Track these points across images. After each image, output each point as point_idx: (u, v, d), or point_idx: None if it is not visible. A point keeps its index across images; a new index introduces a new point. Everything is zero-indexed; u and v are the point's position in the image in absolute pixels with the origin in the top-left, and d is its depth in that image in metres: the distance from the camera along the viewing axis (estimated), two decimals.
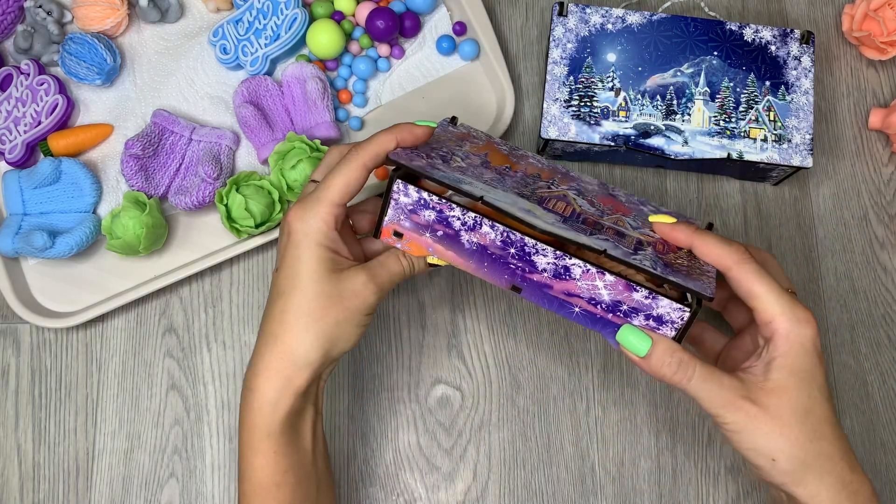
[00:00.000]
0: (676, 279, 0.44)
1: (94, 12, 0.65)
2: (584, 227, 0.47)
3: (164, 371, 0.63)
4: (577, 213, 0.49)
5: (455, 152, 0.51)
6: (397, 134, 0.49)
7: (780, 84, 0.63)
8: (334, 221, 0.48)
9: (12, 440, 0.62)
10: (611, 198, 0.53)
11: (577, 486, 0.62)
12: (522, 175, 0.51)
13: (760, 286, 0.45)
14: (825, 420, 0.45)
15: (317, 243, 0.48)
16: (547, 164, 0.55)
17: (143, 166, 0.63)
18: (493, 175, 0.50)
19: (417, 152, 0.49)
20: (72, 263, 0.64)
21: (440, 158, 0.49)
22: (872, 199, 0.68)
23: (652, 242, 0.48)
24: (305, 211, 0.48)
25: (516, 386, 0.63)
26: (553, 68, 0.63)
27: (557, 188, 0.51)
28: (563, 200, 0.50)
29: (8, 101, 0.65)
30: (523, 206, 0.47)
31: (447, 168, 0.48)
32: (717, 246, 0.46)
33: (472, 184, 0.47)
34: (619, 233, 0.48)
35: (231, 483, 0.62)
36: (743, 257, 0.45)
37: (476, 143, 0.54)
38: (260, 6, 0.66)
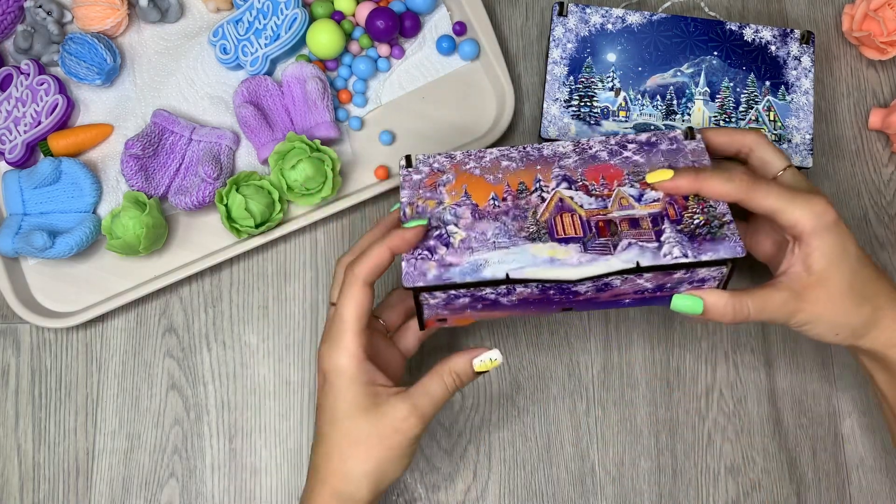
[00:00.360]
0: (709, 255, 0.47)
1: (94, 12, 0.65)
2: (605, 243, 0.49)
3: (164, 371, 0.63)
4: (586, 223, 0.50)
5: (445, 219, 0.51)
6: (389, 244, 0.49)
7: (780, 84, 0.63)
8: (362, 351, 0.49)
9: (12, 440, 0.62)
10: (594, 164, 0.52)
11: (577, 486, 0.62)
12: (513, 200, 0.51)
13: (773, 201, 0.48)
14: (868, 281, 0.50)
15: (350, 380, 0.48)
16: (518, 157, 0.53)
17: (143, 166, 0.63)
18: (494, 227, 0.50)
19: (421, 253, 0.49)
20: (72, 263, 0.64)
21: (442, 244, 0.49)
22: (872, 200, 0.68)
23: (663, 210, 0.50)
24: (332, 349, 0.49)
25: (516, 386, 0.64)
26: (553, 68, 0.63)
27: (551, 194, 0.51)
28: (567, 212, 0.50)
29: (8, 101, 0.65)
30: (543, 257, 0.48)
31: (454, 255, 0.49)
32: (721, 185, 0.48)
33: (487, 262, 0.48)
34: (632, 221, 0.49)
35: (231, 483, 0.62)
36: (748, 186, 0.48)
37: (448, 181, 0.53)
38: (260, 6, 0.66)
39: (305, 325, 0.64)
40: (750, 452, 0.63)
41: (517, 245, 0.49)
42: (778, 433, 0.63)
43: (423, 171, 0.53)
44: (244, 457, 0.62)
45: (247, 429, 0.63)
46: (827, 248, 0.48)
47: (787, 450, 0.63)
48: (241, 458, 0.62)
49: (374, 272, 0.49)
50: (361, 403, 0.48)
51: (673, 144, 0.53)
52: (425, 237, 0.50)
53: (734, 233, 0.48)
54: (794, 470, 0.63)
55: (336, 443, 0.48)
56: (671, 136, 0.53)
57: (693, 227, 0.49)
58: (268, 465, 0.62)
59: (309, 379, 0.63)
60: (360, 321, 0.49)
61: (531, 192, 0.51)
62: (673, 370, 0.64)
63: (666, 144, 0.53)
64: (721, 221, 0.49)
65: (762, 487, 0.62)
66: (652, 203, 0.50)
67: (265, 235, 0.63)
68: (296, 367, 0.64)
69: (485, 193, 0.52)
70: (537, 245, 0.49)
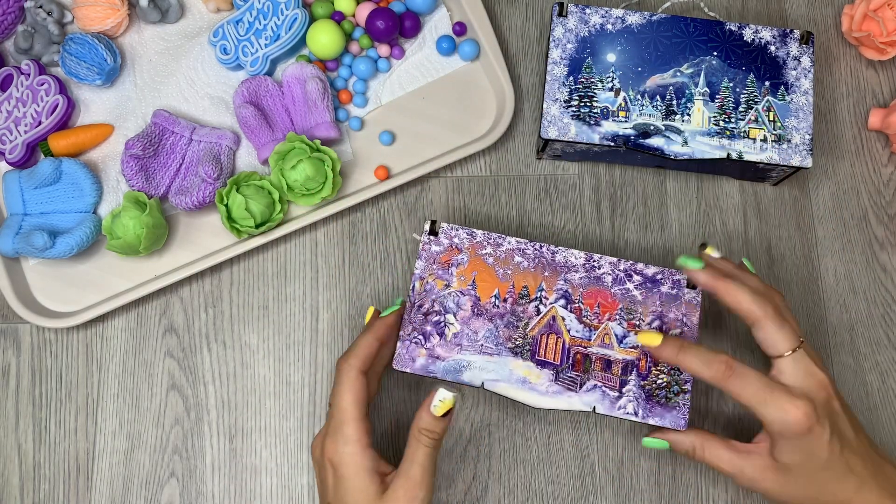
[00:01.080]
0: (655, 420, 0.55)
1: (95, 12, 0.65)
2: (574, 378, 0.55)
3: (164, 371, 0.63)
4: (566, 351, 0.56)
5: (447, 306, 0.56)
6: (375, 334, 0.54)
7: (780, 84, 0.63)
8: (366, 438, 0.51)
9: (12, 440, 0.62)
10: (596, 288, 0.57)
11: (577, 486, 0.62)
12: (513, 304, 0.56)
13: (748, 397, 0.49)
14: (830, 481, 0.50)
15: (357, 469, 0.50)
16: (532, 256, 0.57)
17: (144, 166, 0.64)
18: (486, 327, 0.56)
19: (416, 337, 0.55)
20: (72, 263, 0.64)
21: (437, 333, 0.55)
22: (872, 200, 0.68)
23: (636, 360, 0.55)
24: (336, 440, 0.51)
25: None
26: (553, 68, 0.63)
27: (546, 308, 0.56)
28: (553, 333, 0.56)
29: (8, 102, 0.65)
30: (518, 375, 0.55)
31: (444, 348, 0.55)
32: (698, 367, 0.51)
33: (470, 365, 0.55)
34: (606, 362, 0.55)
35: (231, 483, 0.62)
36: (722, 376, 0.50)
37: (461, 263, 0.57)
38: (260, 6, 0.66)
39: (305, 325, 0.64)
40: None
41: (500, 355, 0.55)
42: None
43: (442, 243, 0.57)
44: (244, 457, 0.62)
45: (247, 429, 0.63)
46: (793, 452, 0.50)
47: None
48: (241, 458, 0.62)
49: (366, 361, 0.53)
50: (371, 492, 0.50)
51: (674, 289, 0.57)
52: (425, 321, 0.56)
53: (686, 403, 0.55)
54: None
55: None
56: (675, 279, 0.57)
57: (654, 387, 0.55)
58: (268, 465, 0.62)
59: (309, 379, 0.63)
60: (359, 409, 0.51)
61: (531, 301, 0.56)
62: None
63: (668, 287, 0.57)
64: (681, 388, 0.55)
65: None
66: (630, 349, 0.56)
67: (265, 235, 0.63)
68: (296, 367, 0.64)
69: (490, 288, 0.57)
70: (517, 361, 0.55)
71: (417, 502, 0.50)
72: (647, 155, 0.63)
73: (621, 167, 0.68)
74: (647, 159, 0.65)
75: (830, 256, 0.67)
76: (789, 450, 0.50)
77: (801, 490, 0.51)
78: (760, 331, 0.51)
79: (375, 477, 0.50)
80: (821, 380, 0.51)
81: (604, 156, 0.66)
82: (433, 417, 0.51)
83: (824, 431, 0.49)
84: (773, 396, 0.49)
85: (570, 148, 0.64)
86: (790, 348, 0.51)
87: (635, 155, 0.64)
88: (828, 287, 0.66)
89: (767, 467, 0.51)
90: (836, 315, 0.66)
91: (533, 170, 0.68)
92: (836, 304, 0.66)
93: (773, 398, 0.49)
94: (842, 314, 0.66)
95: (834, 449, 0.50)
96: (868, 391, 0.64)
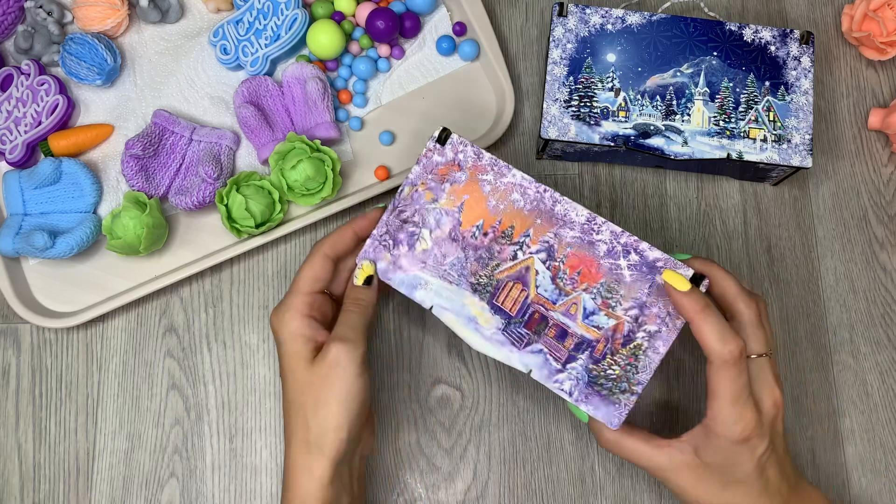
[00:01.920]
0: (588, 409, 0.51)
1: (95, 12, 0.65)
2: (522, 335, 0.52)
3: (164, 371, 0.63)
4: (526, 306, 0.52)
5: (426, 219, 0.53)
6: (354, 226, 0.55)
7: (780, 84, 0.63)
8: (307, 308, 0.52)
9: (12, 440, 0.62)
10: (586, 252, 0.52)
11: (577, 486, 0.62)
12: (492, 239, 0.53)
13: (724, 391, 0.48)
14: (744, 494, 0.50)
15: (292, 335, 0.52)
16: (532, 197, 0.53)
17: (144, 166, 0.64)
18: (455, 255, 0.53)
19: (385, 239, 0.54)
20: (72, 263, 0.64)
21: (406, 242, 0.53)
22: (872, 200, 0.68)
23: (596, 340, 0.51)
24: (279, 312, 0.53)
25: (516, 386, 0.64)
26: (553, 68, 0.63)
27: (524, 256, 0.52)
28: (519, 282, 0.52)
29: (8, 102, 0.65)
30: (468, 314, 0.52)
31: (408, 260, 0.53)
32: (713, 338, 0.48)
33: (427, 285, 0.53)
34: (561, 332, 0.52)
35: (231, 483, 0.62)
36: (728, 359, 0.48)
37: (457, 181, 0.53)
38: (260, 6, 0.66)
39: None
40: None
41: (459, 286, 0.53)
42: None
43: (446, 154, 0.53)
44: (244, 457, 0.62)
45: (247, 429, 0.63)
46: (716, 454, 0.49)
47: None
48: (241, 458, 0.62)
49: (335, 247, 0.54)
50: (304, 355, 0.51)
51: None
52: (400, 227, 0.53)
53: (628, 405, 0.51)
54: None
55: (293, 397, 0.51)
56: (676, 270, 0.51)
57: (602, 375, 0.51)
58: (268, 464, 0.62)
59: None
60: (310, 284, 0.53)
61: (511, 243, 0.53)
62: (673, 370, 0.64)
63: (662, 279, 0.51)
64: (630, 388, 0.51)
65: None
66: (593, 328, 0.51)
67: (265, 235, 0.63)
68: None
69: (476, 217, 0.53)
70: (472, 298, 0.52)
71: (344, 356, 0.50)
72: (647, 155, 0.63)
73: (621, 167, 0.68)
74: (647, 159, 0.65)
75: (830, 256, 0.67)
76: (716, 451, 0.49)
77: (712, 495, 0.50)
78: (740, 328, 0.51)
79: (310, 343, 0.51)
80: (776, 396, 0.50)
81: (604, 156, 0.66)
82: (356, 287, 0.53)
83: (760, 445, 0.49)
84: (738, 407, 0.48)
85: (570, 148, 0.64)
86: (759, 352, 0.50)
87: (635, 155, 0.64)
88: (828, 287, 0.66)
89: (687, 464, 0.50)
90: (836, 315, 0.66)
91: (533, 170, 0.68)
92: (836, 304, 0.66)
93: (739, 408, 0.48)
94: (842, 314, 0.66)
95: (760, 465, 0.49)
96: (868, 391, 0.64)
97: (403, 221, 0.54)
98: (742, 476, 0.50)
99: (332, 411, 0.49)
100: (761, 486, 0.50)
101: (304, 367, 0.51)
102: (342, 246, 0.55)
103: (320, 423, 0.49)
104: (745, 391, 0.48)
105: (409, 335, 0.64)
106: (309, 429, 0.50)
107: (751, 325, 0.51)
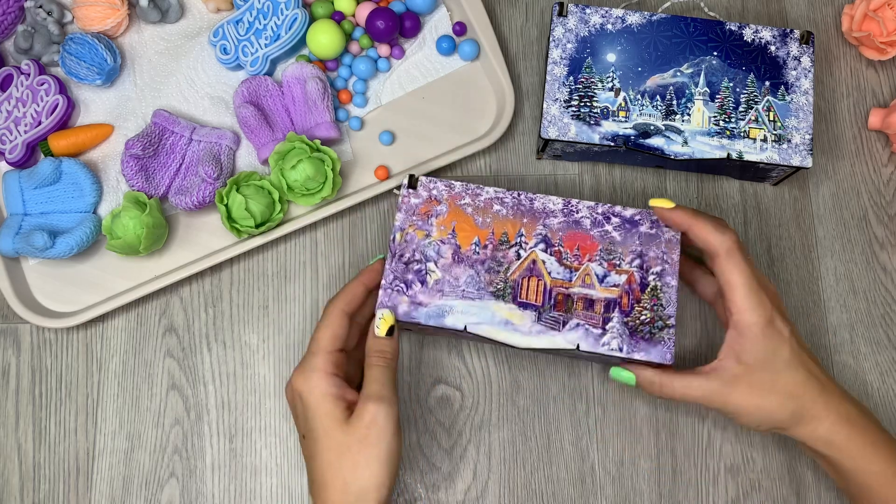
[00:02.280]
0: (641, 355, 0.54)
1: (95, 12, 0.65)
2: (557, 318, 0.55)
3: (164, 371, 0.63)
4: (547, 292, 0.55)
5: (427, 255, 0.56)
6: (363, 279, 0.56)
7: (780, 84, 0.63)
8: (332, 367, 0.52)
9: (12, 440, 0.62)
10: (575, 231, 0.57)
11: (577, 486, 0.62)
12: (493, 250, 0.56)
13: (738, 278, 0.52)
14: (795, 382, 0.53)
15: (322, 396, 0.51)
16: (511, 204, 0.57)
17: (144, 166, 0.64)
18: (467, 274, 0.56)
19: (398, 285, 0.55)
20: (72, 263, 0.64)
21: (418, 280, 0.55)
22: (872, 200, 0.68)
23: (618, 298, 0.55)
24: (304, 372, 0.52)
25: (516, 386, 0.64)
26: (553, 68, 0.63)
27: (527, 252, 0.56)
28: (534, 276, 0.56)
29: (8, 102, 0.65)
30: (501, 317, 0.55)
31: (426, 294, 0.55)
32: (711, 232, 0.53)
33: (452, 310, 0.55)
34: (588, 301, 0.55)
35: (231, 483, 0.62)
36: (731, 247, 0.52)
37: (440, 213, 0.57)
38: (260, 6, 0.66)
39: (305, 325, 0.64)
40: (750, 452, 0.63)
41: (482, 299, 0.55)
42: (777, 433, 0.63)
43: (421, 195, 0.57)
44: (244, 457, 0.62)
45: (247, 429, 0.63)
46: (753, 351, 0.52)
47: (786, 450, 0.63)
48: (241, 458, 0.62)
49: (350, 303, 0.54)
50: (337, 416, 0.50)
51: (652, 229, 0.57)
52: (406, 270, 0.55)
53: (671, 338, 0.54)
54: (794, 470, 0.63)
55: (330, 459, 0.50)
56: (653, 220, 0.57)
57: (638, 323, 0.55)
58: (268, 465, 0.62)
59: None
60: (332, 343, 0.53)
61: (511, 246, 0.56)
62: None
63: (646, 227, 0.57)
64: (665, 323, 0.55)
65: (762, 487, 0.62)
66: (612, 287, 0.56)
67: (265, 235, 0.63)
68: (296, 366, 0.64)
69: (470, 236, 0.56)
70: (499, 304, 0.55)
71: (382, 416, 0.50)
72: (647, 155, 0.63)
73: (621, 167, 0.68)
74: (647, 159, 0.65)
75: (830, 256, 0.67)
76: (753, 346, 0.52)
77: (767, 395, 0.52)
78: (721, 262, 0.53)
79: (341, 402, 0.51)
80: (769, 286, 0.54)
81: (604, 156, 0.66)
82: (379, 339, 0.53)
83: (785, 327, 0.52)
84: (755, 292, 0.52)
85: (570, 148, 0.64)
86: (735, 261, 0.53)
87: (635, 155, 0.64)
88: (828, 287, 0.66)
89: (734, 377, 0.52)
90: (836, 315, 0.66)
91: (533, 170, 0.68)
92: (837, 303, 0.66)
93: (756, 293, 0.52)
94: (842, 314, 0.66)
95: (794, 347, 0.52)
96: (868, 391, 0.64)
97: (406, 264, 0.56)
98: (783, 364, 0.52)
99: (374, 472, 0.49)
100: (805, 371, 0.53)
101: (339, 428, 0.50)
102: (356, 301, 0.55)
103: (362, 485, 0.49)
104: (754, 275, 0.52)
105: (409, 335, 0.64)
106: (349, 492, 0.49)
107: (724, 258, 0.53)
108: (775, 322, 0.52)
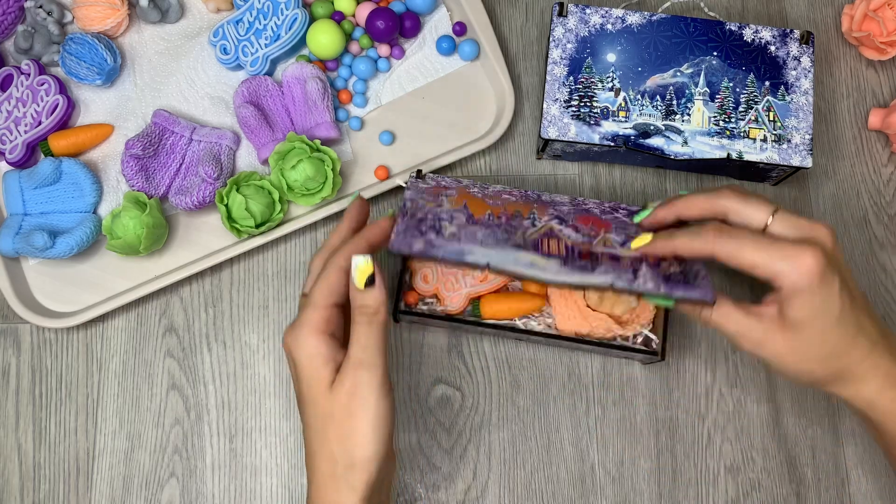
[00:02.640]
0: (682, 293, 0.49)
1: (95, 12, 0.65)
2: (585, 264, 0.50)
3: (164, 371, 0.63)
4: (570, 247, 0.51)
5: (441, 217, 0.52)
6: (366, 238, 0.50)
7: (780, 84, 0.63)
8: (324, 323, 0.47)
9: (12, 440, 0.62)
10: (586, 215, 0.56)
11: (577, 486, 0.62)
12: (507, 220, 0.53)
13: (748, 254, 0.47)
14: (844, 338, 0.48)
15: (310, 358, 0.47)
16: (519, 195, 0.57)
17: (144, 166, 0.64)
18: (484, 232, 0.51)
19: (411, 232, 0.49)
20: (72, 263, 0.64)
21: (433, 231, 0.50)
22: (872, 200, 0.68)
23: (643, 257, 0.51)
24: (294, 330, 0.48)
25: (516, 386, 0.64)
26: (553, 68, 0.63)
27: (542, 223, 0.53)
28: (554, 237, 0.52)
29: (8, 102, 0.65)
30: (525, 260, 0.49)
31: (443, 241, 0.49)
32: (691, 241, 0.49)
33: (473, 251, 0.49)
34: (613, 257, 0.51)
35: (231, 483, 0.62)
36: (714, 238, 0.48)
37: (451, 194, 0.55)
38: (260, 6, 0.66)
39: None
40: (750, 452, 0.63)
41: (503, 249, 0.50)
42: (778, 433, 0.63)
43: (430, 183, 0.56)
44: (244, 457, 0.62)
45: (247, 429, 0.63)
46: (806, 306, 0.47)
47: (786, 450, 0.63)
48: (241, 458, 0.62)
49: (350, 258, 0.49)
50: (323, 379, 0.47)
51: None
52: (418, 225, 0.50)
53: (708, 283, 0.49)
54: (794, 470, 0.63)
55: (317, 427, 0.47)
56: None
57: (668, 274, 0.50)
58: (268, 465, 0.62)
59: None
60: (326, 297, 0.48)
61: (524, 219, 0.53)
62: (673, 370, 0.64)
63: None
64: (696, 275, 0.50)
65: (762, 487, 0.62)
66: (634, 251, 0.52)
67: (265, 235, 0.63)
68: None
69: (482, 210, 0.54)
70: (520, 252, 0.50)
71: (363, 383, 0.46)
72: (647, 155, 0.63)
73: (621, 167, 0.68)
74: (647, 159, 0.65)
75: None
76: (800, 305, 0.47)
77: (810, 350, 0.48)
78: (732, 217, 0.50)
79: (330, 364, 0.47)
80: (821, 229, 0.48)
81: (604, 156, 0.66)
82: (359, 292, 0.47)
83: (835, 280, 0.47)
84: (776, 247, 0.47)
85: (570, 148, 0.64)
86: (769, 212, 0.49)
87: (635, 155, 0.64)
88: None
89: (776, 328, 0.48)
90: None
91: (533, 170, 0.68)
92: None
93: (776, 249, 0.47)
94: None
95: (845, 302, 0.47)
96: None
97: (420, 220, 0.51)
98: (834, 319, 0.47)
99: (359, 443, 0.46)
100: (855, 327, 0.48)
101: (323, 394, 0.47)
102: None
103: (348, 457, 0.46)
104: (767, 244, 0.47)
105: (409, 335, 0.64)
106: (336, 462, 0.46)
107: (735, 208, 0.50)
108: (826, 274, 0.46)
